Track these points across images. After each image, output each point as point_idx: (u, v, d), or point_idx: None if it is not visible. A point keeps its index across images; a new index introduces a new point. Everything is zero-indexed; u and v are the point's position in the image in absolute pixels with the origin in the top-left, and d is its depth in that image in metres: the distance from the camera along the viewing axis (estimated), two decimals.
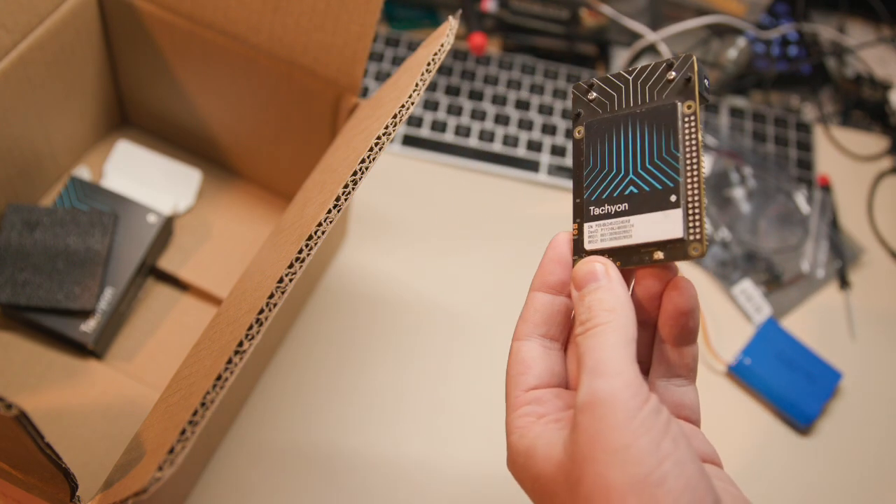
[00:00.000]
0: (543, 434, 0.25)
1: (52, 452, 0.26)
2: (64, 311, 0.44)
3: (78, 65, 0.48)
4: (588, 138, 0.29)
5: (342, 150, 0.36)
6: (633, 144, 0.28)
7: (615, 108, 0.29)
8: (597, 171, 0.28)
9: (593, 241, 0.28)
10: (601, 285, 0.26)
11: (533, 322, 0.28)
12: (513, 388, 0.27)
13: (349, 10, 0.40)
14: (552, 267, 0.29)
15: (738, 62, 0.64)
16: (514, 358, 0.28)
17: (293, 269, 0.28)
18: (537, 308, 0.29)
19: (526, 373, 0.27)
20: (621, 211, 0.28)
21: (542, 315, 0.28)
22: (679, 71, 0.28)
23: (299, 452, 0.45)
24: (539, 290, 0.29)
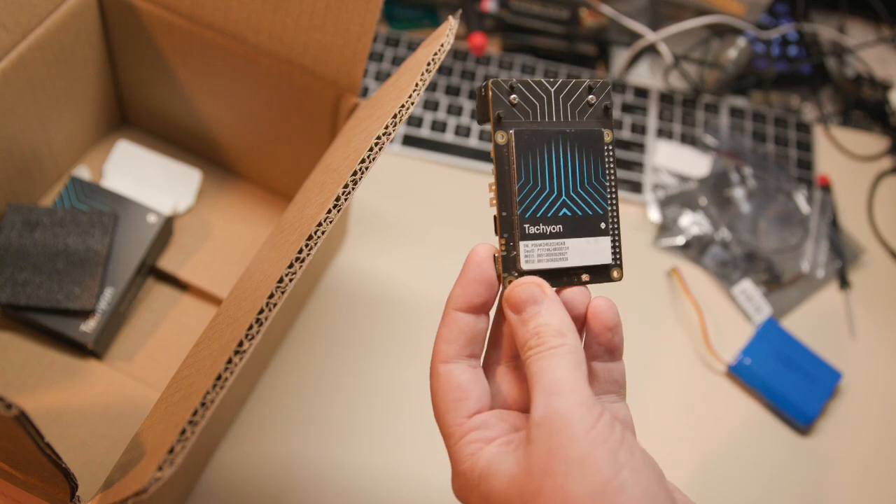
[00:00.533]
0: (497, 456, 0.25)
1: (52, 452, 0.26)
2: (64, 311, 0.44)
3: (78, 65, 0.48)
4: (519, 149, 0.28)
5: (342, 150, 0.36)
6: (566, 165, 0.28)
7: (539, 120, 0.29)
8: (530, 188, 0.28)
9: (530, 261, 0.28)
10: (543, 309, 0.26)
11: (458, 344, 0.28)
12: (452, 415, 0.27)
13: (349, 9, 0.40)
14: (477, 288, 0.28)
15: (738, 62, 0.64)
16: (445, 383, 0.27)
17: (293, 269, 0.28)
18: (462, 329, 0.28)
19: (465, 398, 0.27)
20: (556, 232, 0.28)
21: (466, 336, 0.28)
22: (598, 96, 0.29)
23: (299, 452, 0.45)
24: (462, 310, 0.28)
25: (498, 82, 0.28)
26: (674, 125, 0.63)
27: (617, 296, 0.59)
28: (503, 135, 0.28)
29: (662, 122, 0.63)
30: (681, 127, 0.63)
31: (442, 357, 0.28)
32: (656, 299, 0.54)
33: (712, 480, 0.48)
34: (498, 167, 0.28)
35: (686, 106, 0.65)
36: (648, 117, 0.64)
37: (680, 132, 0.63)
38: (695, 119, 0.64)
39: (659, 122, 0.63)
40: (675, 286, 0.55)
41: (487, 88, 0.28)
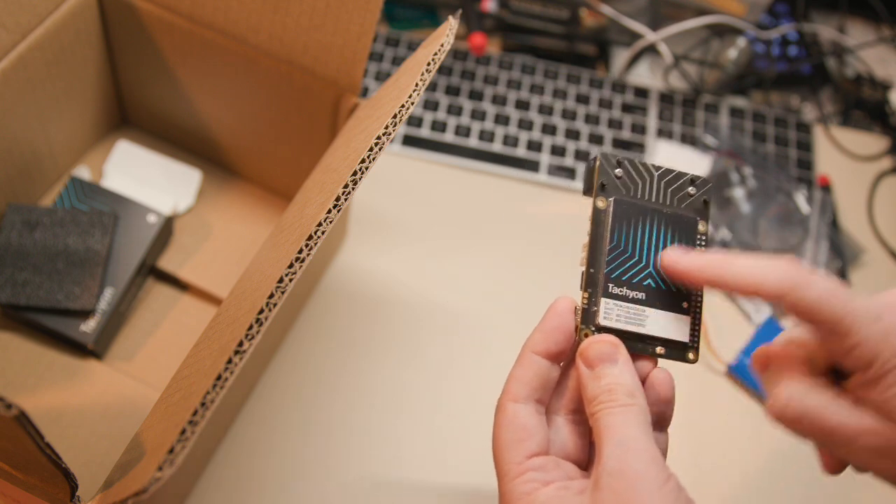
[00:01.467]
0: (555, 499, 0.26)
1: (52, 452, 0.26)
2: (64, 311, 0.44)
3: (78, 65, 0.48)
4: (615, 216, 0.30)
5: (342, 150, 0.36)
6: (657, 240, 0.30)
7: (640, 196, 0.30)
8: (620, 252, 0.30)
9: (608, 318, 0.29)
10: (617, 369, 0.28)
11: (531, 386, 0.29)
12: (512, 453, 0.28)
13: (349, 9, 0.40)
14: (557, 336, 0.29)
15: (738, 62, 0.64)
16: (511, 421, 0.28)
17: (293, 269, 0.28)
18: (536, 373, 0.29)
19: (527, 439, 0.28)
20: (638, 299, 0.29)
21: (539, 381, 0.29)
22: (698, 190, 0.31)
23: (299, 452, 0.45)
24: (540, 354, 0.29)
25: (606, 155, 0.30)
26: (674, 125, 0.63)
27: None
28: (603, 200, 0.30)
29: (662, 122, 0.63)
30: (681, 127, 0.63)
31: (512, 396, 0.29)
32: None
33: (712, 481, 0.48)
34: (593, 229, 0.30)
35: (686, 106, 0.65)
36: (648, 117, 0.63)
37: (680, 132, 0.63)
38: (695, 119, 0.64)
39: (659, 123, 0.63)
40: None
41: (596, 160, 0.30)
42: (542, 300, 0.54)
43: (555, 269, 0.54)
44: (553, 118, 0.62)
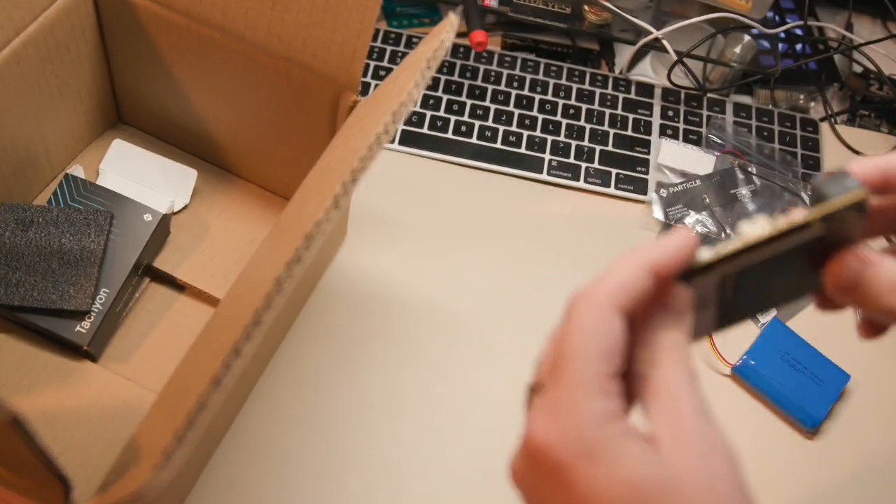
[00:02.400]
0: (636, 436, 0.22)
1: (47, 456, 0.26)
2: (58, 311, 0.44)
3: (73, 62, 0.47)
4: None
5: (341, 149, 0.35)
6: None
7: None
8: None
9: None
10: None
11: (633, 302, 0.24)
12: (603, 364, 0.23)
13: (348, 6, 0.39)
14: (675, 263, 0.24)
15: (743, 59, 0.64)
16: (609, 329, 0.23)
17: (292, 269, 0.28)
18: (640, 291, 0.24)
19: (618, 358, 0.23)
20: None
21: (639, 300, 0.24)
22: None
23: (298, 453, 0.45)
24: (649, 271, 0.24)
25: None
26: (678, 123, 0.63)
27: None
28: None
29: (666, 120, 0.63)
30: (685, 125, 0.63)
31: (617, 301, 0.23)
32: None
33: None
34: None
35: (690, 104, 0.64)
36: (652, 115, 0.63)
37: (684, 130, 0.62)
38: (699, 117, 0.63)
39: (663, 120, 0.63)
40: None
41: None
42: (543, 300, 0.53)
43: (556, 269, 0.54)
44: (555, 116, 0.62)
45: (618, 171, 0.59)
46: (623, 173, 0.59)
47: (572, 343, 0.23)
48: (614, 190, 0.58)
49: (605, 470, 0.22)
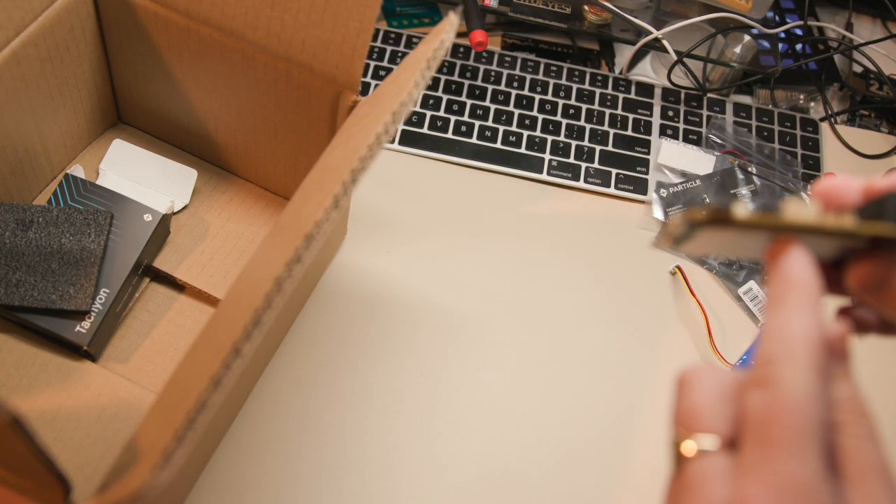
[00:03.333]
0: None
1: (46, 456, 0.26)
2: (58, 311, 0.44)
3: (72, 62, 0.47)
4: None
5: (341, 149, 0.35)
6: None
7: None
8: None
9: None
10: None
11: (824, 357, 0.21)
12: (819, 438, 0.20)
13: (348, 5, 0.39)
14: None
15: (743, 59, 0.64)
16: (820, 390, 0.21)
17: (292, 269, 0.28)
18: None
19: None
20: None
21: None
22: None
23: (298, 453, 0.45)
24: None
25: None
26: (678, 123, 0.63)
27: (619, 295, 0.58)
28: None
29: (666, 120, 0.63)
30: (685, 125, 0.63)
31: (819, 362, 0.21)
32: (660, 299, 0.54)
33: None
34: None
35: (690, 103, 0.64)
36: (652, 115, 0.63)
37: (684, 130, 0.62)
38: (699, 117, 0.63)
39: (663, 120, 0.63)
40: (679, 286, 0.54)
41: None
42: (543, 300, 0.53)
43: (556, 269, 0.54)
44: (555, 116, 0.62)
45: (618, 171, 0.59)
46: (623, 173, 0.59)
47: (793, 412, 0.20)
48: (614, 190, 0.58)
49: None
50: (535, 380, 0.49)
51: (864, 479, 0.20)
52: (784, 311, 0.22)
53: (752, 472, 0.20)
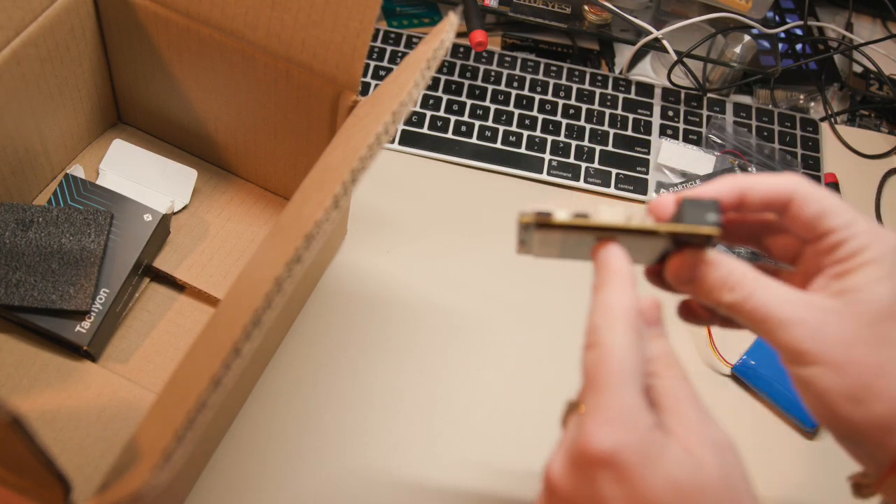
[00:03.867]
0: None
1: (46, 456, 0.26)
2: (58, 311, 0.44)
3: (72, 62, 0.47)
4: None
5: (341, 149, 0.35)
6: None
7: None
8: None
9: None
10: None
11: (636, 317, 0.29)
12: (636, 377, 0.27)
13: (348, 5, 0.39)
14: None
15: (743, 59, 0.64)
16: (635, 343, 0.27)
17: (292, 269, 0.28)
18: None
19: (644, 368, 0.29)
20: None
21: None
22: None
23: (298, 453, 0.45)
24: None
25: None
26: (678, 123, 0.63)
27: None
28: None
29: (666, 120, 0.63)
30: (685, 125, 0.63)
31: (632, 319, 0.28)
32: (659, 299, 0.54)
33: None
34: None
35: (690, 103, 0.64)
36: (652, 115, 0.63)
37: (684, 130, 0.62)
38: (699, 117, 0.63)
39: (663, 120, 0.63)
40: None
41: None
42: (543, 300, 0.53)
43: (556, 269, 0.54)
44: (555, 116, 0.62)
45: (618, 171, 0.59)
46: (623, 173, 0.59)
47: (612, 361, 0.26)
48: (614, 190, 0.58)
49: (658, 470, 0.25)
50: (535, 380, 0.49)
51: (678, 407, 0.27)
52: (605, 291, 0.28)
53: (587, 413, 0.26)
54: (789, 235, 0.31)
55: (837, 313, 0.27)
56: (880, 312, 0.27)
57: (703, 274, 0.29)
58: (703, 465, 0.25)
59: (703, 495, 0.25)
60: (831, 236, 0.28)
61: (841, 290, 0.28)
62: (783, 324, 0.27)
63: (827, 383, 0.27)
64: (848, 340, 0.27)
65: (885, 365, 0.26)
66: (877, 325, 0.27)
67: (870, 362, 0.26)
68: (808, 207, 0.28)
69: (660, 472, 0.25)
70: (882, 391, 0.26)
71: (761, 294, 0.28)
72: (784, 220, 0.30)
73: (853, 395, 0.27)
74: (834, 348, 0.27)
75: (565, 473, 0.26)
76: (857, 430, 0.27)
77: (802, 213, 0.29)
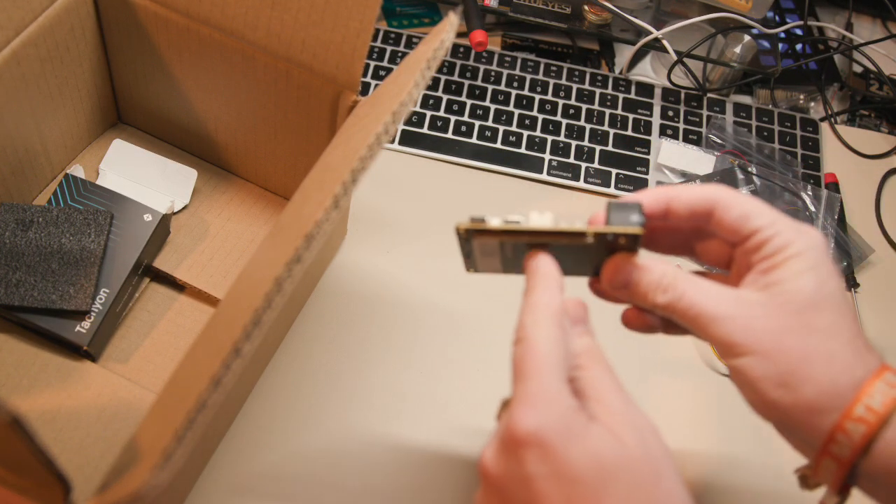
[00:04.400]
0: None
1: (47, 456, 0.26)
2: (58, 311, 0.44)
3: (72, 61, 0.47)
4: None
5: (341, 149, 0.35)
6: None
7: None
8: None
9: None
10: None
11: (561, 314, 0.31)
12: (560, 366, 0.29)
13: (348, 5, 0.39)
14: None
15: (743, 59, 0.64)
16: (559, 336, 0.29)
17: (292, 269, 0.28)
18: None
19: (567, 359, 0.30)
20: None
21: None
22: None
23: (298, 453, 0.45)
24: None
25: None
26: (678, 123, 0.63)
27: None
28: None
29: (666, 120, 0.63)
30: (685, 125, 0.63)
31: (558, 315, 0.30)
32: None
33: (717, 483, 0.47)
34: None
35: (690, 104, 0.64)
36: (652, 115, 0.63)
37: (684, 130, 0.62)
38: (699, 117, 0.63)
39: (663, 120, 0.63)
40: None
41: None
42: None
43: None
44: (555, 116, 0.62)
45: (618, 171, 0.59)
46: (623, 173, 0.59)
47: (537, 353, 0.28)
48: (614, 190, 0.58)
49: (580, 446, 0.26)
50: None
51: (602, 395, 0.28)
52: (534, 293, 0.30)
53: (514, 401, 0.27)
54: (718, 241, 0.33)
55: (764, 305, 0.28)
56: (804, 302, 0.28)
57: (637, 278, 0.31)
58: (625, 444, 0.27)
59: (624, 471, 0.26)
60: (756, 236, 0.30)
61: (767, 284, 0.29)
62: (714, 319, 0.29)
63: (757, 372, 0.28)
64: (775, 330, 0.28)
65: (810, 351, 0.28)
66: (801, 315, 0.28)
67: (796, 349, 0.28)
68: (731, 212, 0.30)
69: (582, 448, 0.26)
70: (808, 376, 0.28)
71: (693, 293, 0.30)
72: (711, 226, 0.31)
73: (782, 381, 0.28)
74: (762, 338, 0.28)
75: (496, 460, 0.28)
76: (788, 414, 0.29)
77: (726, 218, 0.30)
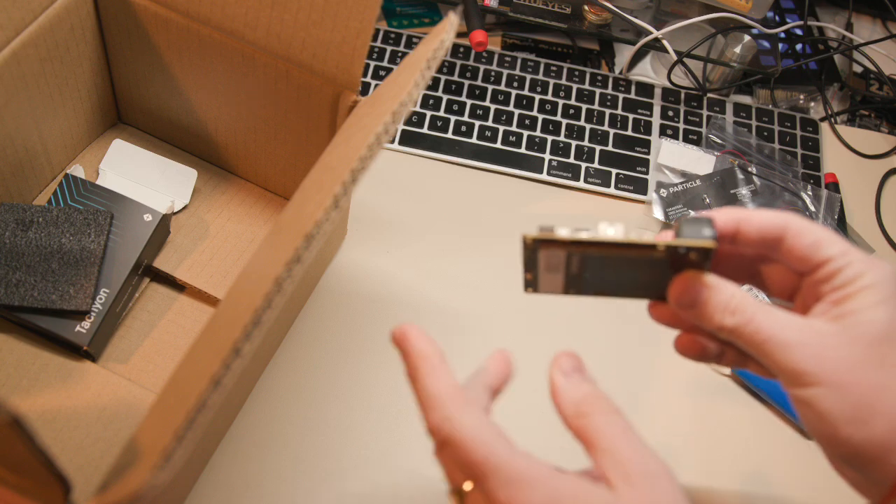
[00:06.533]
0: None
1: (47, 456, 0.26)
2: (58, 311, 0.44)
3: (72, 62, 0.47)
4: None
5: (341, 148, 0.35)
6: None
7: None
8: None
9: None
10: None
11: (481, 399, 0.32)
12: (505, 444, 0.29)
13: (348, 5, 0.39)
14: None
15: (743, 59, 0.64)
16: (484, 426, 0.30)
17: (292, 269, 0.28)
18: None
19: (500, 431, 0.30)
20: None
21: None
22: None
23: (298, 453, 0.45)
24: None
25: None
26: (678, 123, 0.63)
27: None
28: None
29: (666, 120, 0.63)
30: (685, 125, 0.63)
31: (480, 402, 0.32)
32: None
33: (718, 484, 0.47)
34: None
35: (690, 103, 0.64)
36: (652, 115, 0.63)
37: (684, 130, 0.62)
38: (699, 117, 0.63)
39: (663, 120, 0.63)
40: None
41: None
42: (543, 300, 0.53)
43: None
44: (555, 116, 0.62)
45: (618, 171, 0.59)
46: (623, 173, 0.59)
47: (474, 445, 0.28)
48: (614, 190, 0.58)
49: None
50: (535, 380, 0.49)
51: (609, 444, 0.27)
52: (423, 380, 0.31)
53: (496, 491, 0.27)
54: (782, 269, 0.32)
55: (837, 336, 0.28)
56: (878, 335, 0.27)
57: (705, 298, 0.30)
58: (636, 500, 0.26)
59: None
60: (828, 265, 0.29)
61: (839, 315, 0.28)
62: (784, 346, 0.28)
63: (828, 404, 0.27)
64: (848, 362, 0.27)
65: (885, 385, 0.27)
66: (875, 347, 0.27)
67: (870, 383, 0.27)
68: (803, 239, 0.29)
69: None
70: (883, 411, 0.27)
71: (762, 318, 0.28)
72: (779, 254, 0.30)
73: (854, 416, 0.27)
74: (834, 369, 0.27)
75: None
76: (858, 451, 0.28)
77: (798, 245, 0.29)
